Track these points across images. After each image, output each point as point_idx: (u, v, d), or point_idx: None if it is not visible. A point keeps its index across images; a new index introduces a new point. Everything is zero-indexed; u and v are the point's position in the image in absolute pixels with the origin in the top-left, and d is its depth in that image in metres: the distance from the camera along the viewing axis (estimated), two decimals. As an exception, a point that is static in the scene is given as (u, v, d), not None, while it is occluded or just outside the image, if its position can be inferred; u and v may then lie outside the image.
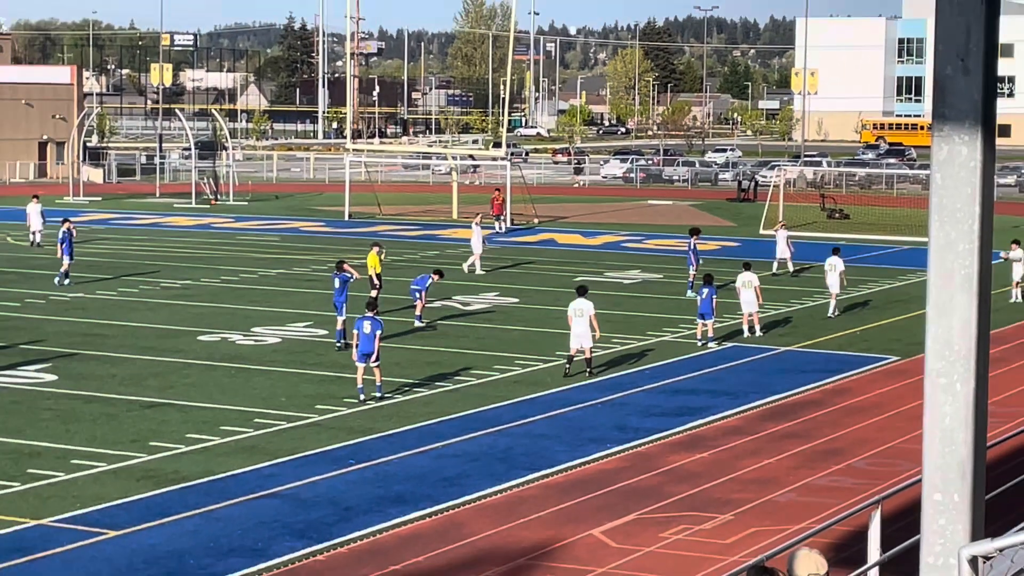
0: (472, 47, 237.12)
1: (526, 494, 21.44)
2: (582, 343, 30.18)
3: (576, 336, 30.20)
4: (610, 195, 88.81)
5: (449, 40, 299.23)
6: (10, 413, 26.02)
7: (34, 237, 53.20)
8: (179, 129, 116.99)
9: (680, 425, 26.00)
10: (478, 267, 47.56)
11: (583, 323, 30.11)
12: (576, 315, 30.22)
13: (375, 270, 38.45)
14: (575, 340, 30.23)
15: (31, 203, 54.12)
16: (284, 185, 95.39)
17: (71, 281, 42.53)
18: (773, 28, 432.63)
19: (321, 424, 25.60)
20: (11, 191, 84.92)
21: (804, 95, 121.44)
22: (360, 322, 27.56)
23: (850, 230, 63.63)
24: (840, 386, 30.11)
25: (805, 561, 9.03)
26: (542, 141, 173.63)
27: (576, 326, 30.18)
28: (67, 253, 42.90)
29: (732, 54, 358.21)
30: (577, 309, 30.28)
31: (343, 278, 33.34)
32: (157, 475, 21.98)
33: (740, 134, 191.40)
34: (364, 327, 27.28)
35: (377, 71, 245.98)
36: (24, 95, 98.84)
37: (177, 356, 31.95)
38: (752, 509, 20.59)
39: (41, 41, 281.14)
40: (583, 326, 30.11)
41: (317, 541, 18.92)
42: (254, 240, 58.25)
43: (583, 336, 30.13)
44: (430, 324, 36.49)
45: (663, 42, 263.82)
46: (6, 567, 17.63)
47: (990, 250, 7.12)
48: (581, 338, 30.14)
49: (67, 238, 43.08)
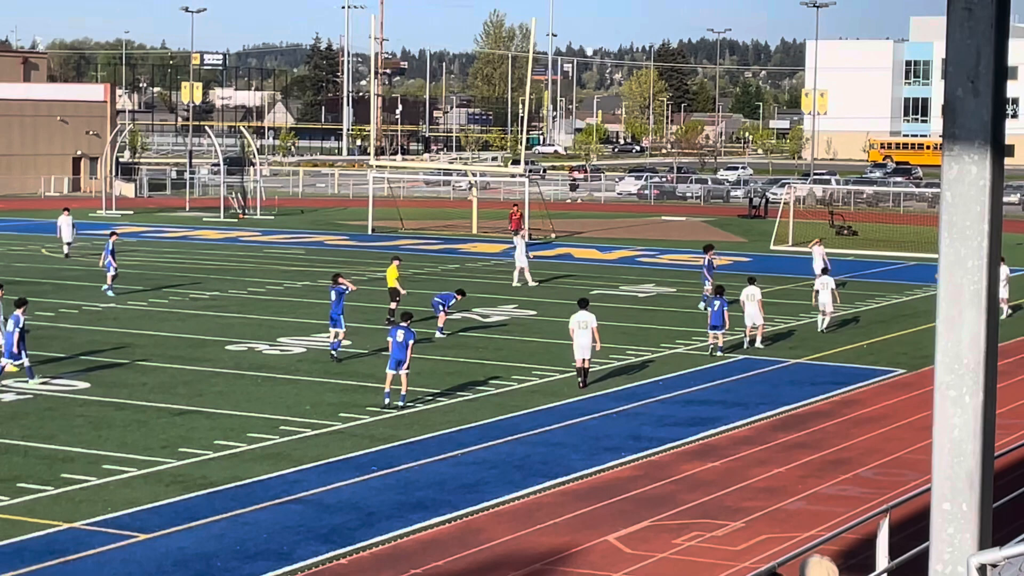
0: (492, 67, 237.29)
1: (543, 501, 21.67)
2: (584, 354, 30.62)
3: (580, 347, 30.60)
4: (625, 211, 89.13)
5: (470, 60, 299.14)
6: (44, 419, 26.40)
7: (66, 249, 53.82)
8: (208, 145, 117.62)
9: (693, 435, 26.33)
10: (529, 279, 47.91)
11: (586, 335, 30.51)
12: (579, 327, 30.61)
13: (393, 282, 39.06)
14: (579, 351, 30.64)
15: (62, 216, 54.76)
16: (309, 200, 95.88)
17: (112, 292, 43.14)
18: (783, 50, 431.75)
19: (345, 432, 25.93)
20: (46, 204, 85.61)
21: (814, 115, 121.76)
22: (394, 331, 28.22)
23: (858, 246, 64.00)
24: (849, 398, 30.42)
25: (817, 568, 9.05)
26: (559, 159, 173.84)
27: (579, 338, 30.54)
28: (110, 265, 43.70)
29: (744, 75, 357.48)
30: (580, 321, 30.67)
31: (339, 291, 33.59)
32: (186, 480, 22.26)
33: (751, 153, 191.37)
34: (397, 336, 27.95)
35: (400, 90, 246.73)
36: (59, 112, 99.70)
37: (206, 365, 32.38)
38: (762, 517, 20.82)
39: (76, 60, 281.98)
40: (586, 338, 30.51)
41: (340, 545, 19.11)
42: (280, 253, 58.75)
43: (585, 348, 30.57)
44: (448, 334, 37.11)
45: (677, 63, 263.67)
46: (40, 569, 17.88)
47: (998, 266, 7.23)
48: (584, 349, 30.57)
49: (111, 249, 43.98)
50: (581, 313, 31.01)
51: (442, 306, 37.01)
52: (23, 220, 73.23)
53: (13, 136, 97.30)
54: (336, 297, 33.41)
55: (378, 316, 39.71)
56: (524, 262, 48.40)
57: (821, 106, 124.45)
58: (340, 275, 35.33)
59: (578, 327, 30.67)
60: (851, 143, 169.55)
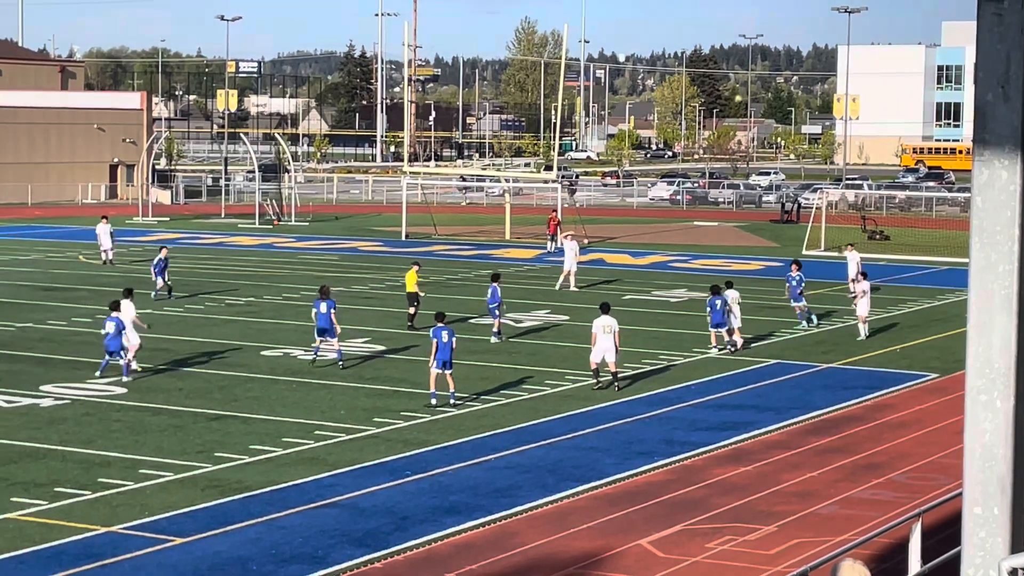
0: (524, 74, 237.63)
1: (576, 505, 21.73)
2: (606, 356, 30.86)
3: (601, 350, 30.89)
4: (657, 216, 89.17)
5: (502, 67, 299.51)
6: (82, 424, 26.64)
7: (105, 255, 54.21)
8: (243, 152, 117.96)
9: (725, 439, 26.37)
10: (572, 283, 48.10)
11: (608, 339, 30.82)
12: (603, 332, 30.95)
13: (412, 287, 39.33)
14: (598, 354, 30.93)
15: (100, 224, 55.12)
16: (344, 206, 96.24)
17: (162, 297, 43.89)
18: (815, 55, 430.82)
19: (379, 436, 26.06)
20: (83, 211, 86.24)
21: (846, 120, 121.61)
22: (439, 331, 28.51)
23: (890, 251, 63.96)
24: (881, 402, 30.42)
25: (849, 572, 8.92)
26: (592, 164, 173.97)
27: (602, 341, 30.85)
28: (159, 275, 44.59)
29: (776, 80, 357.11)
30: (605, 326, 31.01)
31: (330, 304, 33.35)
32: (222, 484, 22.40)
33: (783, 158, 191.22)
34: (443, 336, 28.28)
35: (433, 97, 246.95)
36: (96, 119, 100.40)
37: (241, 370, 32.58)
38: (795, 521, 20.84)
39: (112, 68, 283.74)
40: (608, 341, 30.82)
41: (375, 549, 19.19)
42: (315, 259, 59.00)
43: (609, 351, 30.83)
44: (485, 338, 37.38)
45: (709, 69, 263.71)
46: (78, 572, 18.03)
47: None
48: (606, 352, 30.84)
49: (163, 264, 44.70)
50: (604, 318, 31.30)
51: (497, 308, 37.40)
52: (61, 227, 73.73)
53: (51, 144, 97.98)
54: (326, 310, 32.99)
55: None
56: (573, 266, 48.58)
57: (853, 111, 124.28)
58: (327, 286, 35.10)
59: (602, 331, 30.96)
60: (883, 148, 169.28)
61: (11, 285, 48.13)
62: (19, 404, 28.44)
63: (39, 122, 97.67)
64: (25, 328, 38.40)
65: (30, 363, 33.13)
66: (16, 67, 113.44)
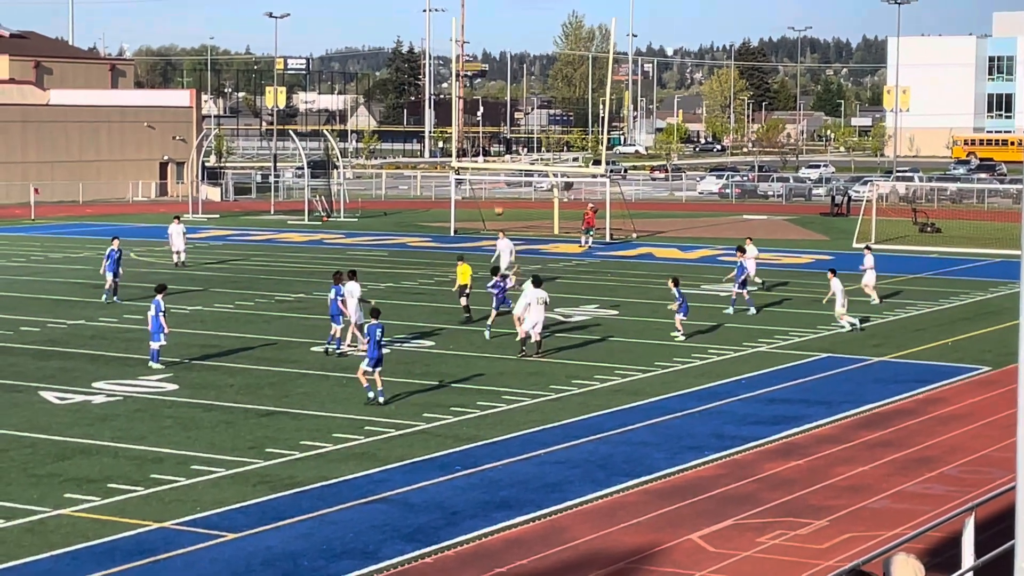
0: (572, 68, 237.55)
1: (626, 500, 21.72)
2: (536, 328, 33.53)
3: (532, 321, 33.49)
4: (706, 210, 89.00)
5: (550, 62, 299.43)
6: (134, 421, 26.81)
7: (177, 257, 53.17)
8: (292, 149, 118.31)
9: (776, 433, 26.28)
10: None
11: (540, 310, 33.35)
12: (536, 302, 33.38)
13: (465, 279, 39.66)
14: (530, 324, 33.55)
15: (173, 224, 54.18)
16: (392, 202, 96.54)
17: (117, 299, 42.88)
18: (865, 47, 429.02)
19: (429, 432, 26.12)
20: (134, 209, 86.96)
21: (896, 112, 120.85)
22: (373, 328, 28.43)
23: (942, 243, 63.59)
24: (933, 396, 30.25)
25: (903, 567, 9.02)
26: (640, 158, 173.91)
27: (535, 313, 33.20)
28: (110, 270, 43.37)
29: (825, 73, 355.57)
30: (538, 298, 33.49)
31: (339, 290, 34.14)
32: (273, 480, 22.50)
33: (833, 150, 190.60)
34: (376, 333, 28.28)
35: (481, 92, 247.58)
36: (146, 117, 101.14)
37: (291, 366, 32.71)
38: (847, 515, 20.75)
39: (162, 66, 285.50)
40: (540, 314, 33.50)
41: (425, 544, 19.23)
42: (364, 255, 59.14)
43: (539, 323, 33.61)
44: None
45: (758, 62, 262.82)
46: (131, 568, 18.15)
47: None
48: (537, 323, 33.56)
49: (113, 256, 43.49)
50: (537, 290, 33.79)
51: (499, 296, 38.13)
52: (112, 225, 74.18)
53: (101, 142, 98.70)
54: (336, 296, 34.05)
55: (458, 317, 39.93)
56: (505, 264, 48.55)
57: (903, 103, 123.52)
58: (341, 273, 35.70)
59: (535, 302, 33.44)
60: (934, 140, 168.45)
61: (63, 282, 48.50)
62: (71, 401, 28.65)
63: (90, 120, 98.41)
64: (77, 325, 38.67)
65: (82, 360, 33.38)
66: (67, 66, 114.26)
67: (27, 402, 28.52)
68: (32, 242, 64.34)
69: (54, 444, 24.89)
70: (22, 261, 55.90)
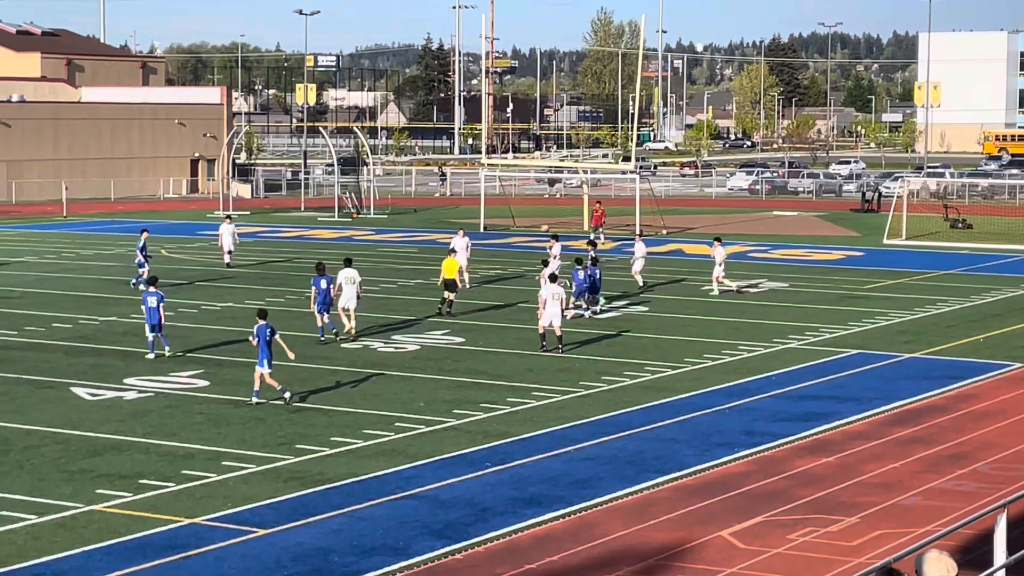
0: (601, 64, 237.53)
1: (656, 496, 21.67)
2: (554, 322, 33.89)
3: (549, 316, 33.90)
4: (736, 207, 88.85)
5: (579, 58, 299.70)
6: (165, 417, 26.90)
7: (227, 258, 52.38)
8: (322, 146, 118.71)
9: (806, 430, 26.19)
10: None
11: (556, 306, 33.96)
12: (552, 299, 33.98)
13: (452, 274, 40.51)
14: (547, 319, 33.92)
15: (224, 224, 53.79)
16: (422, 199, 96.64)
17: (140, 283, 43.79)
18: (896, 43, 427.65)
19: (459, 428, 26.11)
20: (164, 206, 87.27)
21: (927, 108, 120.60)
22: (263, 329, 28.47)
23: (973, 239, 63.33)
24: (964, 392, 30.11)
25: (935, 564, 8.89)
26: (670, 155, 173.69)
27: (551, 307, 33.85)
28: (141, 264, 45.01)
29: (856, 68, 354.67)
30: (554, 293, 33.98)
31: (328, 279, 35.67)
32: (303, 476, 22.51)
33: (864, 146, 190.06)
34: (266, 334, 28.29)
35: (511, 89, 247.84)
36: (177, 115, 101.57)
37: (321, 363, 32.74)
38: (878, 512, 20.68)
39: (193, 64, 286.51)
40: (557, 308, 34.00)
41: (455, 541, 19.21)
42: (393, 251, 59.25)
43: (556, 316, 33.95)
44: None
45: (788, 57, 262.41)
46: (162, 563, 18.18)
47: None
48: (554, 318, 33.89)
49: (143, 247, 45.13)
50: (553, 286, 34.34)
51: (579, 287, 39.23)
52: (143, 222, 74.39)
53: (132, 139, 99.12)
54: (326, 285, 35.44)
55: (491, 314, 39.99)
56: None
57: (934, 99, 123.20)
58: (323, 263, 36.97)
59: (551, 298, 33.86)
60: (965, 136, 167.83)
61: (95, 279, 48.71)
62: (103, 397, 28.79)
63: (121, 118, 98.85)
64: (109, 322, 38.84)
65: (114, 356, 33.53)
66: (98, 64, 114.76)
67: (59, 398, 28.66)
68: (64, 239, 64.65)
69: (86, 440, 25.00)
70: (54, 258, 56.18)
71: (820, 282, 48.80)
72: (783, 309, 42.09)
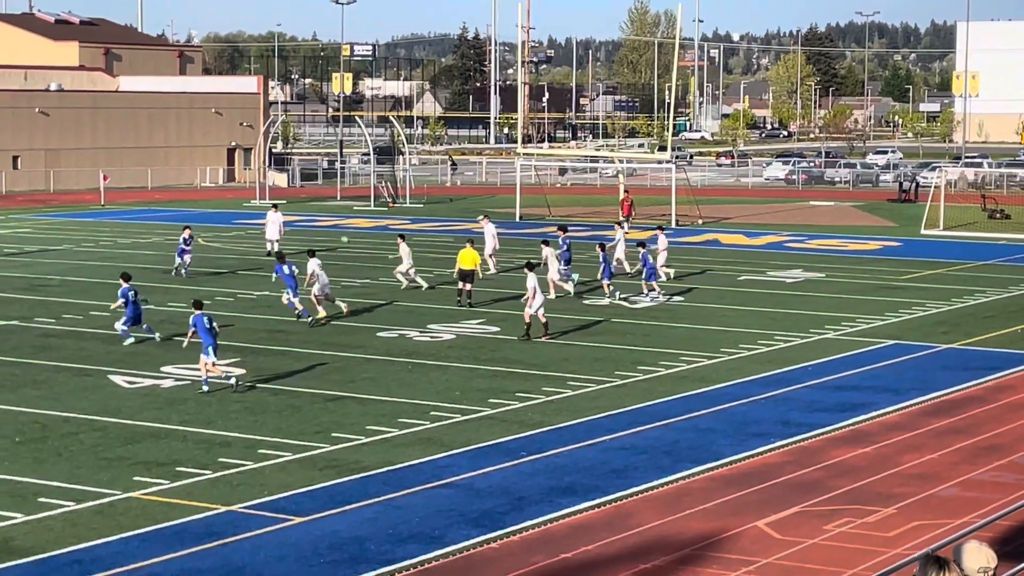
0: (637, 54, 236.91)
1: (692, 486, 21.66)
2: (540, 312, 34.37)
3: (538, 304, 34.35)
4: (773, 196, 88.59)
5: (615, 47, 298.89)
6: (202, 405, 27.02)
7: (271, 246, 51.62)
8: (358, 135, 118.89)
9: (842, 420, 26.10)
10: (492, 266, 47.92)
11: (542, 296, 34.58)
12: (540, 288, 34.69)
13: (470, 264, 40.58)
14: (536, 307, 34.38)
15: (270, 212, 53.45)
16: (458, 188, 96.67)
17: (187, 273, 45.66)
18: (933, 32, 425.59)
19: (494, 417, 26.14)
20: (201, 195, 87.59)
21: (965, 98, 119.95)
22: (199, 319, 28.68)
23: (1011, 230, 62.96)
24: (1002, 383, 29.93)
25: (975, 554, 8.83)
26: (706, 144, 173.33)
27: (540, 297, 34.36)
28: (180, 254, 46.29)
29: (893, 58, 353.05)
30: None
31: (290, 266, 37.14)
32: (339, 465, 22.57)
33: (901, 136, 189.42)
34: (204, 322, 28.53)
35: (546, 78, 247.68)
36: (214, 104, 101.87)
37: (357, 352, 32.81)
38: (914, 503, 20.60)
39: (229, 53, 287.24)
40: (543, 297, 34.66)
41: (491, 529, 19.22)
42: (429, 240, 59.25)
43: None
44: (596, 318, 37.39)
45: (825, 47, 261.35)
46: (199, 551, 18.27)
47: None
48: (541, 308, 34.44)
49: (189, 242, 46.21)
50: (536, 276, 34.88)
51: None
52: (180, 211, 74.77)
53: (170, 128, 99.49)
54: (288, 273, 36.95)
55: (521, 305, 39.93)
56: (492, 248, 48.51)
57: (972, 88, 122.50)
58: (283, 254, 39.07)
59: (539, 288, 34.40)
60: (1003, 125, 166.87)
61: (132, 268, 48.77)
62: (140, 385, 28.93)
63: (158, 107, 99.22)
64: (146, 310, 38.90)
65: (151, 344, 33.69)
66: (135, 53, 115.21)
67: (97, 386, 28.82)
68: (101, 227, 64.94)
69: (123, 428, 25.12)
70: (91, 246, 56.44)
71: (857, 272, 48.63)
72: (819, 299, 41.96)
